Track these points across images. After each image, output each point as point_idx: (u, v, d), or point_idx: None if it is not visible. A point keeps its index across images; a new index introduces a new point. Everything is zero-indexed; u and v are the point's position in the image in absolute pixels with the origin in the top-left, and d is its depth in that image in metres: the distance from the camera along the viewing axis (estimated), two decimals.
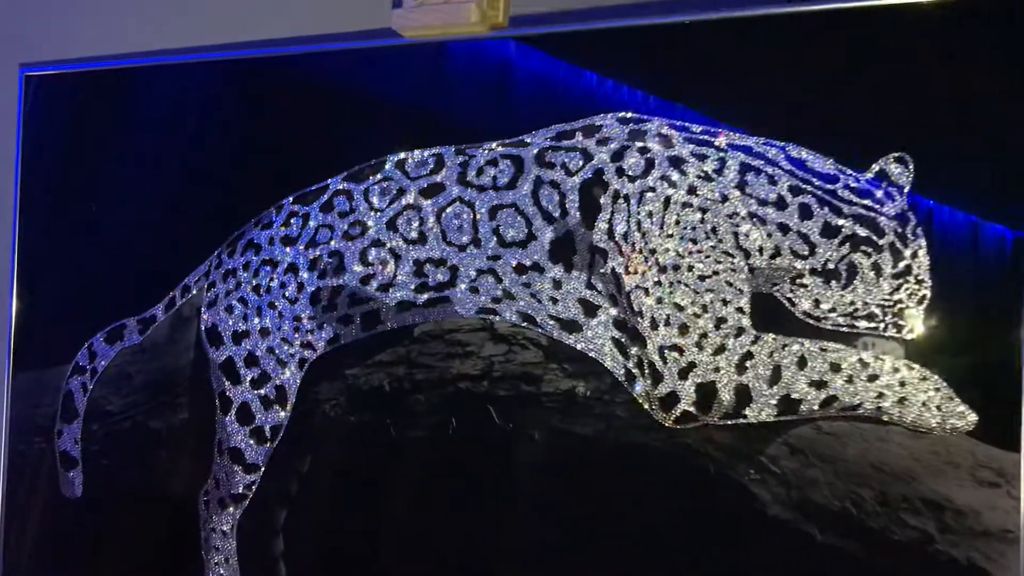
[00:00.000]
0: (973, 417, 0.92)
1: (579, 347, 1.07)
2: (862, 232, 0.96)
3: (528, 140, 1.10)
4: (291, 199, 1.22)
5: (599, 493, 1.06)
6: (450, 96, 1.16)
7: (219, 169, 1.28)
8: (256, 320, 1.22)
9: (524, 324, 1.10)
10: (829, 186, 0.97)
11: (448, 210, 1.13)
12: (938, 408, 0.92)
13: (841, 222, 0.97)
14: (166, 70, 1.32)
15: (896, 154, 0.95)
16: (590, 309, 1.07)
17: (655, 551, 1.03)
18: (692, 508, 1.02)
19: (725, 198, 1.01)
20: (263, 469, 1.21)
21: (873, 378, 0.95)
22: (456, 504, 1.12)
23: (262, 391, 1.21)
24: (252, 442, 1.21)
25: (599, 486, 1.06)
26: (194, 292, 1.27)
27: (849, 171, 0.97)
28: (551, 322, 1.08)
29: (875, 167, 0.96)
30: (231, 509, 1.23)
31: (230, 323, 1.24)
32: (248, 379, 1.22)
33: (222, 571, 1.23)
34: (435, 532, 1.13)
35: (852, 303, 0.96)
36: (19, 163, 1.37)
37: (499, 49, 1.12)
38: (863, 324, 0.96)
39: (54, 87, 1.38)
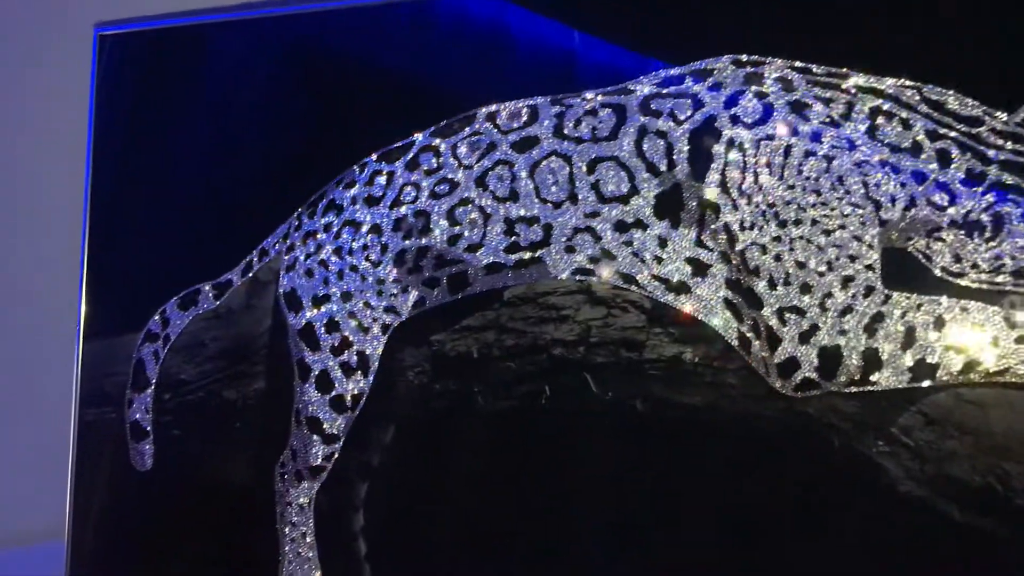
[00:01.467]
0: None
1: (687, 310, 0.99)
2: (1010, 179, 0.87)
3: (632, 87, 1.03)
4: (375, 156, 1.16)
5: (708, 467, 0.98)
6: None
7: (299, 127, 1.23)
8: (338, 284, 1.16)
9: (625, 285, 1.02)
10: (972, 130, 0.89)
11: (543, 165, 1.06)
12: None
13: (985, 168, 0.88)
14: (241, 26, 1.27)
15: None
16: (700, 268, 0.99)
17: (770, 530, 0.95)
18: (813, 484, 0.93)
19: (853, 145, 0.93)
20: (343, 440, 1.15)
21: (1022, 340, 0.86)
22: (549, 478, 1.05)
23: (343, 358, 1.15)
24: (332, 411, 1.15)
25: (708, 460, 0.98)
26: (272, 256, 1.22)
27: (997, 112, 0.88)
28: (655, 283, 1.01)
29: None
30: (309, 482, 1.17)
31: (310, 287, 1.18)
32: (328, 346, 1.16)
33: (299, 548, 1.17)
34: (525, 508, 1.06)
35: (998, 257, 0.87)
36: (92, 124, 1.33)
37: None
38: (1011, 281, 0.87)
39: (128, 46, 1.34)
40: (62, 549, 1.33)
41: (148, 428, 1.28)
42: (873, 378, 0.91)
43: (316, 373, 1.17)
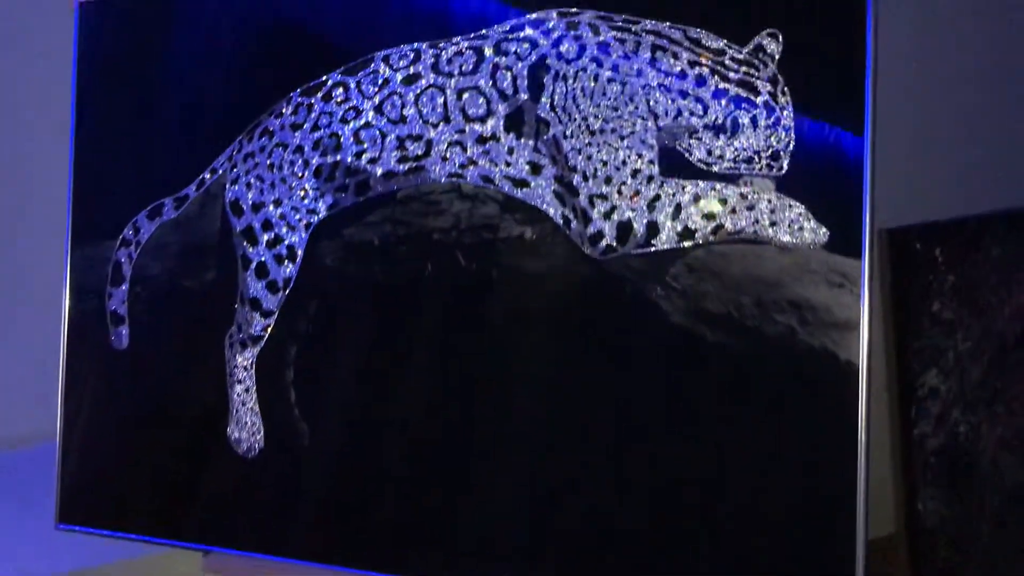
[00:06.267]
0: (826, 233, 1.17)
1: (527, 200, 1.33)
2: (744, 93, 1.21)
3: (487, 33, 1.36)
4: (298, 92, 1.49)
5: (542, 314, 1.32)
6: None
7: (239, 73, 1.55)
8: (271, 192, 1.49)
9: (485, 184, 1.36)
10: (719, 59, 1.22)
11: (424, 94, 1.39)
12: (800, 228, 1.17)
13: (727, 86, 1.22)
14: None
15: (769, 30, 1.20)
16: (536, 169, 1.32)
17: (585, 356, 1.29)
18: (613, 320, 1.27)
19: (640, 73, 1.26)
20: (276, 314, 1.48)
21: (751, 208, 1.20)
22: (430, 329, 1.39)
23: (276, 251, 1.48)
24: (267, 292, 1.48)
25: (543, 308, 1.32)
26: (220, 173, 1.54)
27: (734, 46, 1.22)
28: (506, 181, 1.34)
29: (753, 42, 1.21)
30: (251, 348, 1.50)
31: (249, 196, 1.50)
32: (264, 241, 1.49)
33: (245, 399, 1.50)
34: (414, 349, 1.39)
35: (735, 150, 1.21)
36: (75, 74, 1.64)
37: None
38: (744, 166, 1.21)
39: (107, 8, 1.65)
40: (55, 449, 1.64)
41: (124, 315, 1.61)
42: (653, 242, 1.25)
43: (255, 263, 1.50)
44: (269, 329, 1.49)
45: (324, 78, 1.47)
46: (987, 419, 3.31)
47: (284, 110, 1.49)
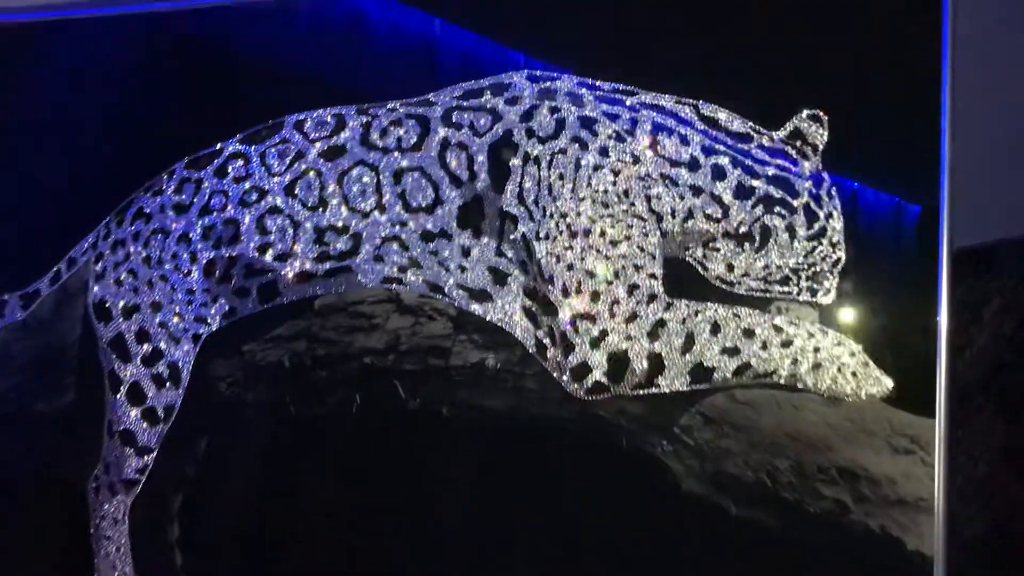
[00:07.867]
0: (889, 383, 0.90)
1: (489, 317, 1.02)
2: (776, 193, 0.93)
3: (433, 99, 1.05)
4: (184, 164, 1.15)
5: (509, 468, 1.02)
6: (341, 57, 1.11)
7: (109, 133, 1.21)
8: (147, 293, 1.15)
9: (431, 294, 1.04)
10: (742, 146, 0.94)
11: (351, 174, 1.07)
12: (853, 374, 0.90)
13: (755, 183, 0.94)
14: (61, 25, 1.24)
15: (810, 111, 0.92)
16: (500, 277, 1.02)
17: (564, 528, 0.99)
18: (604, 483, 0.98)
19: (637, 160, 0.97)
20: (156, 452, 1.14)
21: (787, 344, 0.92)
22: (358, 483, 1.07)
23: (154, 369, 1.14)
24: (144, 424, 1.14)
25: (509, 461, 1.02)
26: (81, 265, 1.20)
27: (763, 129, 0.94)
28: (460, 291, 1.03)
29: (789, 125, 0.93)
30: (123, 495, 1.15)
31: (120, 297, 1.16)
32: (139, 357, 1.15)
33: (115, 561, 1.16)
34: (336, 515, 1.08)
35: (766, 267, 0.93)
36: None
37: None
38: (777, 288, 0.93)
39: None
40: None
41: None
42: (657, 381, 0.95)
43: (127, 385, 1.15)
44: (147, 471, 1.14)
45: (218, 146, 1.13)
46: (948, 469, 3.15)
47: (165, 186, 1.15)
